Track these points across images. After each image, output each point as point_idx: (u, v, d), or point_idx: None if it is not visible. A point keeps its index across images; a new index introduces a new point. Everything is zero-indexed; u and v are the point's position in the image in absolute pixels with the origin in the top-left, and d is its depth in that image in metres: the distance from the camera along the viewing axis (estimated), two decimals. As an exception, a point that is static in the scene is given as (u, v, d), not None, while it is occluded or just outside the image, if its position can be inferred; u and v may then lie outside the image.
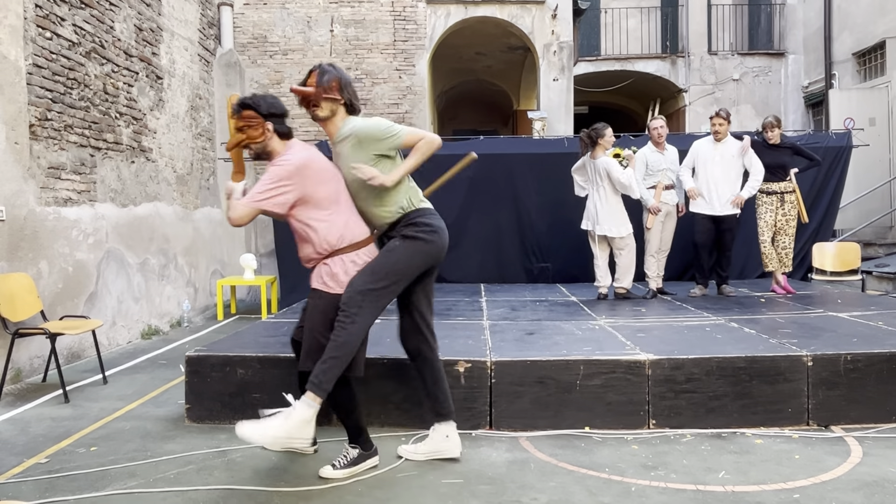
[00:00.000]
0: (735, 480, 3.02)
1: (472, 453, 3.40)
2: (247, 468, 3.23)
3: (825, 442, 3.51)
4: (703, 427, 3.69)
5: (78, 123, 5.82)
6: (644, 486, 2.98)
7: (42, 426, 3.98)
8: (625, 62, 14.55)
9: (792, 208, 6.35)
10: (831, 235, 8.43)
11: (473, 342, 4.26)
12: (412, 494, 2.93)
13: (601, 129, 6.01)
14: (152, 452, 3.47)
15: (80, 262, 5.82)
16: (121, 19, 6.57)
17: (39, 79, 5.30)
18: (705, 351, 3.88)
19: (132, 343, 6.59)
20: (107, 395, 4.69)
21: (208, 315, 8.35)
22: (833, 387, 3.75)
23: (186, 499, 2.90)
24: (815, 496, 2.85)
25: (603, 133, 5.98)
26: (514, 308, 5.87)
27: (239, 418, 3.85)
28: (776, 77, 13.97)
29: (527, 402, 3.74)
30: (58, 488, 3.03)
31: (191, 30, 8.35)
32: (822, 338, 4.22)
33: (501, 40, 11.49)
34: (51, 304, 5.32)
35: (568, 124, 10.39)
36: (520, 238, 8.15)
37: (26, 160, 5.15)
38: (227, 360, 3.92)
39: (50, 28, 5.44)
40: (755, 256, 7.32)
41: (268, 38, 9.88)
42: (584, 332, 4.63)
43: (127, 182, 6.63)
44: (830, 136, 8.23)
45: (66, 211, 5.63)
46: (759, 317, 5.15)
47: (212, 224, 8.81)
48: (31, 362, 5.15)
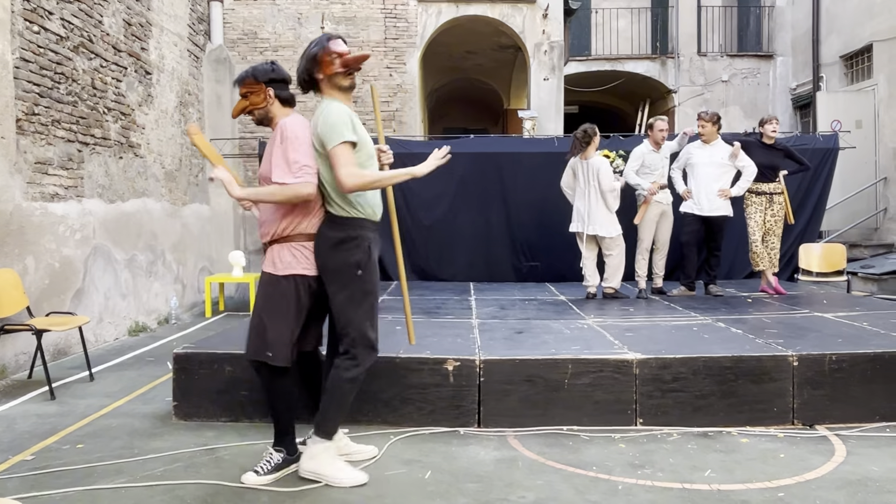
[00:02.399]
0: (721, 479, 3.05)
1: (461, 451, 3.41)
2: (234, 465, 3.22)
3: (810, 441, 3.55)
4: (689, 426, 3.72)
5: (65, 118, 5.77)
6: (631, 485, 2.99)
7: (28, 423, 3.95)
8: (615, 62, 14.60)
9: (780, 209, 6.41)
10: (817, 237, 8.51)
11: (462, 340, 4.27)
12: (400, 492, 2.93)
13: (592, 129, 6.05)
14: (139, 450, 3.45)
15: (67, 258, 5.78)
16: (109, 14, 6.52)
17: (27, 73, 5.25)
18: (692, 350, 3.91)
19: (119, 340, 6.55)
20: (93, 391, 4.66)
21: (196, 312, 8.31)
22: (818, 386, 3.78)
23: (174, 496, 2.89)
24: (799, 495, 2.88)
25: (595, 132, 6.05)
26: (503, 307, 5.89)
27: (227, 416, 3.88)
28: (764, 79, 14.08)
29: (515, 400, 3.76)
30: (44, 485, 3.00)
31: (180, 25, 8.30)
32: (807, 338, 4.27)
33: (492, 39, 11.50)
34: (37, 300, 5.28)
35: (558, 124, 10.42)
36: (509, 237, 8.17)
37: (13, 155, 5.10)
38: (214, 358, 3.90)
39: (37, 22, 5.39)
40: (743, 256, 7.38)
41: (258, 34, 9.83)
42: (572, 331, 4.65)
43: (115, 178, 6.59)
44: (817, 138, 8.31)
45: (53, 206, 5.59)
46: (746, 317, 5.19)
47: (200, 220, 8.77)
48: (16, 359, 5.11)
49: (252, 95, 3.06)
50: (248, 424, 3.82)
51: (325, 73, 2.97)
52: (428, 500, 2.86)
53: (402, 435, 3.61)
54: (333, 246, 2.93)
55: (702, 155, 6.29)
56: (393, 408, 3.77)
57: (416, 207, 8.09)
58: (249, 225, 9.85)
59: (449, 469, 3.18)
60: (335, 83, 2.98)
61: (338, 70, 2.96)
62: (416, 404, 3.77)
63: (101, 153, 6.36)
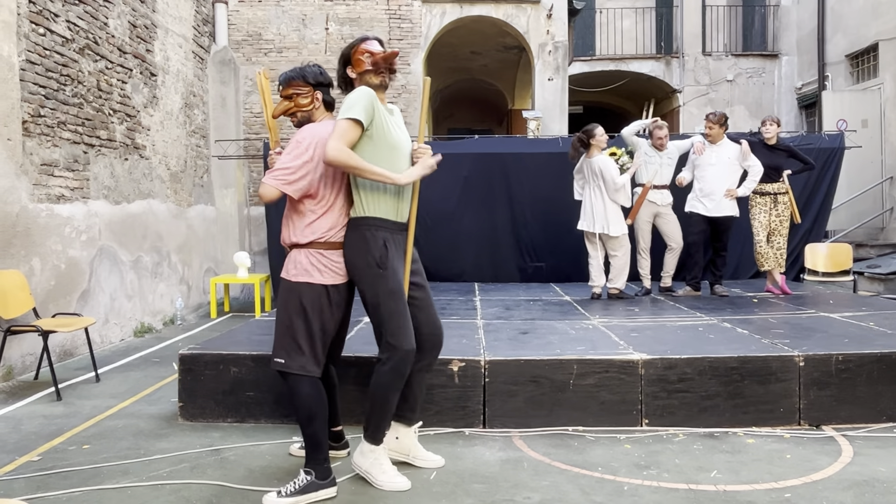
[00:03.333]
0: (727, 480, 3.04)
1: (466, 452, 3.41)
2: (240, 466, 3.22)
3: (816, 441, 3.53)
4: (695, 426, 3.71)
5: (71, 120, 5.79)
6: (637, 486, 2.99)
7: (34, 424, 3.97)
8: (619, 62, 14.57)
9: (785, 209, 6.39)
10: (823, 236, 8.47)
11: (467, 341, 4.27)
12: (406, 493, 2.93)
13: (592, 129, 6.04)
14: (145, 450, 3.46)
15: (73, 259, 5.80)
16: (115, 16, 6.54)
17: (32, 75, 5.27)
18: (698, 351, 3.90)
19: (125, 341, 6.57)
20: (99, 392, 4.68)
21: (201, 313, 8.33)
22: (824, 387, 3.77)
23: (180, 496, 2.90)
24: (806, 495, 2.87)
25: (594, 133, 6.01)
26: (508, 307, 5.88)
27: (232, 417, 3.89)
28: (770, 78, 14.03)
29: (520, 401, 3.75)
30: (50, 485, 3.02)
31: (185, 27, 8.32)
32: (813, 338, 4.25)
33: (497, 40, 11.50)
34: (43, 302, 5.30)
35: (563, 124, 10.41)
36: (514, 237, 8.16)
37: (19, 157, 5.12)
38: (220, 359, 3.91)
39: (43, 24, 5.41)
40: (748, 257, 7.36)
41: (262, 35, 9.86)
42: (577, 331, 4.65)
43: (120, 179, 6.61)
44: (823, 138, 8.27)
45: (58, 208, 5.61)
46: (752, 317, 5.17)
47: (205, 222, 8.79)
48: (23, 360, 5.12)
49: (299, 97, 3.03)
50: (253, 425, 3.83)
51: (357, 71, 3.02)
52: (433, 500, 2.86)
53: (407, 436, 3.60)
54: (351, 245, 2.94)
55: (709, 155, 6.28)
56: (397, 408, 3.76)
57: (421, 207, 8.05)
58: (254, 226, 9.88)
59: (454, 470, 3.18)
60: (366, 81, 3.00)
61: (367, 68, 2.99)
62: (422, 405, 3.76)
63: (107, 155, 6.38)
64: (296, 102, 3.04)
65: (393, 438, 3.20)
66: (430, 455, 3.26)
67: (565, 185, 6.54)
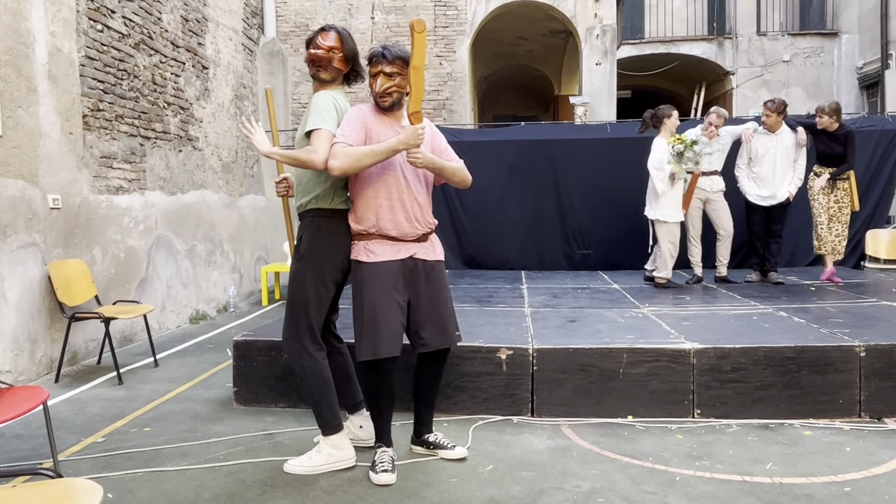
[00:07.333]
0: (783, 472, 2.97)
1: (514, 440, 3.41)
2: (293, 450, 3.30)
3: (878, 434, 3.42)
4: (749, 417, 3.63)
5: (128, 113, 5.97)
6: (689, 476, 2.95)
7: (98, 406, 4.14)
8: (669, 45, 14.22)
9: (844, 195, 6.15)
10: (886, 222, 8.14)
11: (515, 329, 4.26)
12: (455, 479, 2.95)
13: (667, 111, 5.91)
14: (202, 433, 3.58)
15: (132, 248, 6.00)
16: (168, 10, 6.70)
17: (91, 70, 5.45)
18: (752, 340, 3.81)
19: (181, 327, 6.78)
20: (158, 377, 4.85)
21: (253, 301, 8.52)
22: (886, 378, 3.64)
23: (236, 478, 2.98)
24: (866, 489, 2.78)
25: (669, 113, 5.88)
26: (555, 295, 5.84)
27: (284, 402, 3.97)
28: (828, 58, 13.49)
29: (569, 389, 3.73)
30: (114, 466, 3.14)
31: (235, 19, 8.47)
32: (875, 328, 4.10)
33: (543, 24, 11.36)
34: (104, 290, 5.50)
35: (611, 109, 10.24)
36: (561, 225, 8.08)
37: (80, 150, 5.31)
38: (272, 345, 3.99)
39: (101, 20, 5.58)
40: (805, 244, 7.14)
41: (310, 26, 9.95)
42: (626, 319, 4.59)
43: (175, 170, 6.79)
44: (886, 119, 7.92)
45: (117, 199, 5.80)
46: (809, 305, 5.02)
47: (256, 211, 8.97)
48: (86, 345, 5.34)
49: (402, 78, 2.90)
50: (305, 411, 3.89)
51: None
52: (482, 487, 2.87)
53: (454, 423, 3.63)
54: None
55: (766, 144, 6.09)
56: (446, 395, 3.79)
57: (467, 196, 8.08)
58: (303, 215, 10.01)
59: (502, 457, 3.19)
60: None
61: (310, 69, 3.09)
62: (469, 392, 3.79)
63: (162, 147, 6.56)
64: (397, 84, 2.90)
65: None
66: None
67: (614, 172, 6.45)
